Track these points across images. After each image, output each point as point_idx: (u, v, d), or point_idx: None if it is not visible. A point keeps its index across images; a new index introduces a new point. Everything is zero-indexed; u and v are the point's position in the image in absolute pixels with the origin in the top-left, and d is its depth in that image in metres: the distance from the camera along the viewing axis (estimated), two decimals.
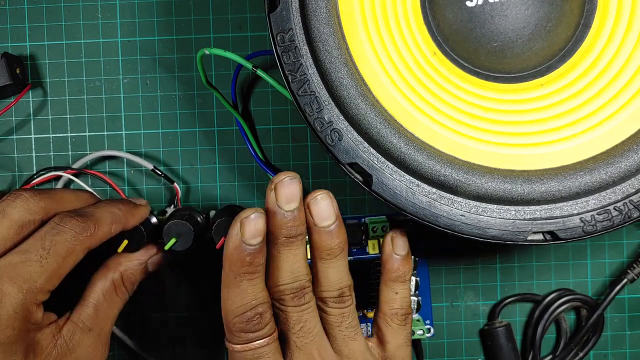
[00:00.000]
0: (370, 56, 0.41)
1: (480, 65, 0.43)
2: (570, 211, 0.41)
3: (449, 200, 0.41)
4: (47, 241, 0.40)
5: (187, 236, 0.47)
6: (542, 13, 0.42)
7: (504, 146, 0.42)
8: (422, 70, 0.42)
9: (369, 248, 0.52)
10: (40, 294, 0.40)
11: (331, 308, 0.43)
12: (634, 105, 0.41)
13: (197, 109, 0.53)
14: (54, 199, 0.43)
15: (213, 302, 0.54)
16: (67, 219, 0.41)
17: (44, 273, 0.40)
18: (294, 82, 0.40)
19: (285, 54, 0.40)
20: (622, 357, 0.54)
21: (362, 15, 0.41)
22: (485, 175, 0.40)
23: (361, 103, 0.40)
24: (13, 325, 0.39)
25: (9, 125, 0.53)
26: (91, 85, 0.53)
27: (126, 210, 0.45)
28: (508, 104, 0.43)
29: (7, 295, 0.38)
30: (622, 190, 0.40)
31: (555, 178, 0.40)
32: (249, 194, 0.54)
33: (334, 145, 0.41)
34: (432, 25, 0.43)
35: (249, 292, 0.41)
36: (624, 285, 0.53)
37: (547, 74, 0.43)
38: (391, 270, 0.46)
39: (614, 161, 0.40)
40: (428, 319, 0.54)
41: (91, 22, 0.53)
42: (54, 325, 0.42)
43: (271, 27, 0.40)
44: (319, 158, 0.53)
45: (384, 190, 0.41)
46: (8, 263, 0.39)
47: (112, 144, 0.53)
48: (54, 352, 0.42)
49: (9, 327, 0.38)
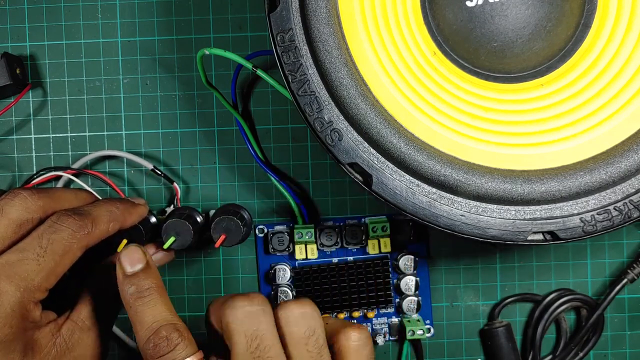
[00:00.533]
0: (370, 56, 0.41)
1: (480, 65, 0.43)
2: (570, 211, 0.41)
3: (449, 200, 0.41)
4: (45, 239, 0.40)
5: (185, 234, 0.47)
6: (542, 13, 0.42)
7: (504, 146, 0.42)
8: (422, 70, 0.42)
9: (369, 248, 0.52)
10: (38, 293, 0.40)
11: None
12: (634, 105, 0.41)
13: (197, 109, 0.53)
14: (52, 198, 0.43)
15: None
16: (64, 218, 0.41)
17: (42, 271, 0.40)
18: (294, 82, 0.40)
19: (285, 54, 0.40)
20: (622, 357, 0.54)
21: (362, 15, 0.41)
22: (485, 175, 0.40)
23: (361, 103, 0.40)
24: (10, 323, 0.39)
25: (9, 125, 0.53)
26: (91, 85, 0.53)
27: (124, 208, 0.46)
28: (508, 104, 0.43)
29: (5, 294, 0.38)
30: (622, 190, 0.40)
31: (555, 178, 0.40)
32: (249, 194, 0.54)
33: (334, 145, 0.41)
34: (432, 25, 0.43)
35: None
36: (624, 285, 0.53)
37: (547, 74, 0.43)
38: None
39: (614, 161, 0.40)
40: (428, 319, 0.54)
41: (91, 22, 0.53)
42: (53, 324, 0.42)
43: (271, 27, 0.40)
44: (319, 158, 0.53)
45: (384, 190, 0.41)
46: (5, 262, 0.39)
47: (112, 144, 0.53)
48: (53, 350, 0.42)
49: (6, 326, 0.38)
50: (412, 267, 0.52)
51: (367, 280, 0.52)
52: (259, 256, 0.53)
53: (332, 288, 0.52)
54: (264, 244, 0.53)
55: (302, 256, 0.51)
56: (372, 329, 0.53)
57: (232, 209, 0.49)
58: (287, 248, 0.52)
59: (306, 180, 0.54)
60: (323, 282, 0.52)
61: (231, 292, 0.53)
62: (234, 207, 0.50)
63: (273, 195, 0.54)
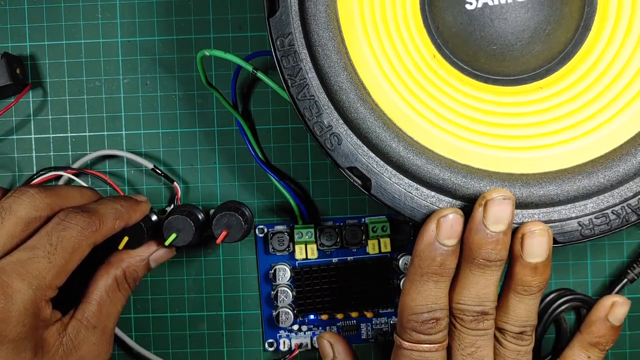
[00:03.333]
0: (369, 60, 0.41)
1: (479, 68, 0.43)
2: (568, 215, 0.41)
3: (448, 204, 0.41)
4: (54, 237, 0.40)
5: (187, 231, 0.48)
6: (542, 16, 0.42)
7: (502, 149, 0.42)
8: (421, 73, 0.42)
9: (369, 248, 0.52)
10: (49, 290, 0.40)
11: (509, 342, 0.41)
12: (633, 109, 0.41)
13: (197, 109, 0.53)
14: (59, 196, 0.43)
15: (213, 301, 0.54)
16: (72, 215, 0.42)
17: (52, 269, 0.40)
18: (293, 87, 0.40)
19: (284, 58, 0.40)
20: (622, 357, 0.54)
21: (362, 19, 0.41)
22: (484, 178, 0.40)
23: (360, 107, 0.40)
24: (24, 322, 0.39)
25: (9, 125, 0.53)
26: (91, 85, 0.53)
27: (128, 206, 0.46)
28: (507, 107, 0.43)
29: (17, 292, 0.38)
30: (620, 194, 0.40)
31: (553, 182, 0.40)
32: (249, 194, 0.54)
33: (333, 149, 0.41)
34: (432, 28, 0.43)
35: (431, 294, 0.40)
36: (624, 285, 0.53)
37: (547, 76, 0.43)
38: (593, 334, 0.46)
39: (613, 165, 0.40)
40: None
41: (91, 22, 0.53)
42: (59, 323, 0.43)
43: (271, 32, 0.40)
44: (319, 158, 0.53)
45: (383, 194, 0.41)
46: (16, 260, 0.39)
47: (112, 144, 0.53)
48: (60, 349, 0.42)
49: (19, 324, 0.39)
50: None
51: (367, 280, 0.52)
52: (259, 256, 0.53)
53: (332, 288, 0.52)
54: (264, 244, 0.53)
55: (302, 256, 0.52)
56: (372, 329, 0.53)
57: (233, 206, 0.49)
58: (287, 248, 0.52)
59: (306, 180, 0.54)
60: (323, 282, 0.52)
61: (231, 292, 0.54)
62: (235, 203, 0.50)
63: (273, 195, 0.54)
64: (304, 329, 0.53)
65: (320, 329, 0.53)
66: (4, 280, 0.38)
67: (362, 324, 0.53)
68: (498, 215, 0.38)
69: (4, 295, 0.38)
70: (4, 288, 0.38)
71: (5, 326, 0.38)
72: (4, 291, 0.38)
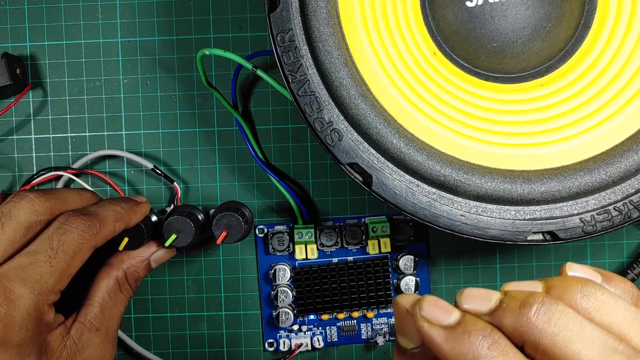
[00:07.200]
0: (370, 56, 0.41)
1: (480, 66, 0.43)
2: (570, 211, 0.41)
3: (449, 200, 0.41)
4: (55, 241, 0.40)
5: (187, 232, 0.47)
6: (542, 13, 0.42)
7: (503, 146, 0.42)
8: (422, 70, 0.42)
9: (369, 248, 0.52)
10: (52, 295, 0.40)
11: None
12: (633, 106, 0.41)
13: (197, 109, 0.53)
14: (59, 199, 0.43)
15: (213, 301, 0.54)
16: (72, 218, 0.42)
17: (54, 273, 0.40)
18: (294, 83, 0.40)
19: (285, 54, 0.40)
20: None
21: (362, 16, 0.41)
22: (485, 175, 0.40)
23: (361, 103, 0.40)
24: (27, 326, 0.39)
25: (9, 125, 0.53)
26: (91, 85, 0.53)
27: (128, 208, 0.46)
28: (508, 104, 0.43)
29: (20, 297, 0.38)
30: (622, 191, 0.41)
31: (555, 178, 0.40)
32: (249, 194, 0.54)
33: (334, 145, 0.41)
34: (432, 25, 0.43)
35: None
36: None
37: (547, 74, 0.43)
38: None
39: (614, 161, 0.40)
40: None
41: (91, 22, 0.53)
42: (62, 326, 0.43)
43: (271, 27, 0.40)
44: (319, 158, 0.53)
45: (383, 190, 0.41)
46: (18, 265, 0.39)
47: (112, 144, 0.53)
48: (64, 353, 0.42)
49: (23, 329, 0.39)
50: (412, 267, 0.52)
51: (367, 281, 0.52)
52: (259, 256, 0.53)
53: (332, 288, 0.52)
54: (264, 244, 0.53)
55: (302, 256, 0.51)
56: (372, 329, 0.53)
57: (233, 206, 0.49)
58: (287, 248, 0.52)
59: (306, 180, 0.54)
60: (323, 282, 0.52)
61: (231, 292, 0.53)
62: (235, 204, 0.50)
63: (273, 195, 0.54)
64: (304, 329, 0.53)
65: (320, 329, 0.53)
66: (7, 285, 0.38)
67: (362, 324, 0.53)
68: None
69: (6, 301, 0.38)
70: (7, 294, 0.38)
71: (9, 331, 0.38)
72: (6, 297, 0.38)
